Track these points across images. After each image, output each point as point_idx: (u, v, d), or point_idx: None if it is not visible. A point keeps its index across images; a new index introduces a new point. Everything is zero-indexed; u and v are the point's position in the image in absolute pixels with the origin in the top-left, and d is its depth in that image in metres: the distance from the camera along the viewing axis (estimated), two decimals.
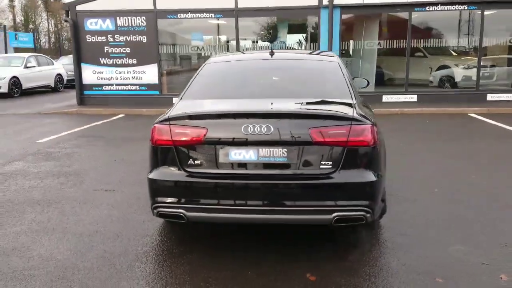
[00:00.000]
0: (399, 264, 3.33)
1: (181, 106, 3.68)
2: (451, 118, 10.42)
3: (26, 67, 18.02)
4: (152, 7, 12.70)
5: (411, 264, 3.33)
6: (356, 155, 3.25)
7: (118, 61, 13.13)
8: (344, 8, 12.22)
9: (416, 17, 12.58)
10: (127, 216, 4.36)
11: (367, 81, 5.97)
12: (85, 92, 13.44)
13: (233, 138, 3.24)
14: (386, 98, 12.55)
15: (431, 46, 12.85)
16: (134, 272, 3.26)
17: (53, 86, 19.60)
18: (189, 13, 12.63)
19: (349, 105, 3.51)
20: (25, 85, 17.64)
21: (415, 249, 3.55)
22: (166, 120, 3.38)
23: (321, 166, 3.22)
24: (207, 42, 13.55)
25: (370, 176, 3.27)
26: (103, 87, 13.34)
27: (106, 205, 4.69)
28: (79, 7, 12.99)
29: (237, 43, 12.75)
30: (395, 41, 12.72)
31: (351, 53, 13.25)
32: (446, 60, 13.60)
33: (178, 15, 12.71)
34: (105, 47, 13.06)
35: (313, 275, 3.18)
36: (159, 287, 3.06)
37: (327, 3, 12.02)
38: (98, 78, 13.31)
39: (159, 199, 3.36)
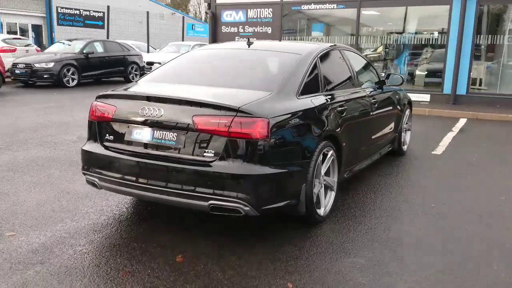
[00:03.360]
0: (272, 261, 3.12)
1: (125, 86, 4.05)
2: None
3: None
4: (279, 0, 13.12)
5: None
6: (239, 147, 3.17)
7: None
8: None
9: None
10: None
11: (402, 78, 5.44)
12: None
13: (132, 118, 3.48)
14: None
15: None
16: (55, 225, 3.76)
17: None
18: (312, 4, 12.67)
19: (258, 96, 3.40)
20: None
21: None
22: (96, 97, 3.80)
23: (204, 154, 3.24)
24: (327, 33, 13.36)
25: (253, 169, 3.17)
26: None
27: None
28: (218, 0, 14.20)
29: (357, 34, 12.26)
30: None
31: (490, 49, 11.44)
32: None
33: (302, 6, 12.86)
34: (236, 38, 14.03)
35: (183, 257, 3.25)
36: (55, 240, 3.49)
37: None
38: None
39: (86, 167, 3.81)
